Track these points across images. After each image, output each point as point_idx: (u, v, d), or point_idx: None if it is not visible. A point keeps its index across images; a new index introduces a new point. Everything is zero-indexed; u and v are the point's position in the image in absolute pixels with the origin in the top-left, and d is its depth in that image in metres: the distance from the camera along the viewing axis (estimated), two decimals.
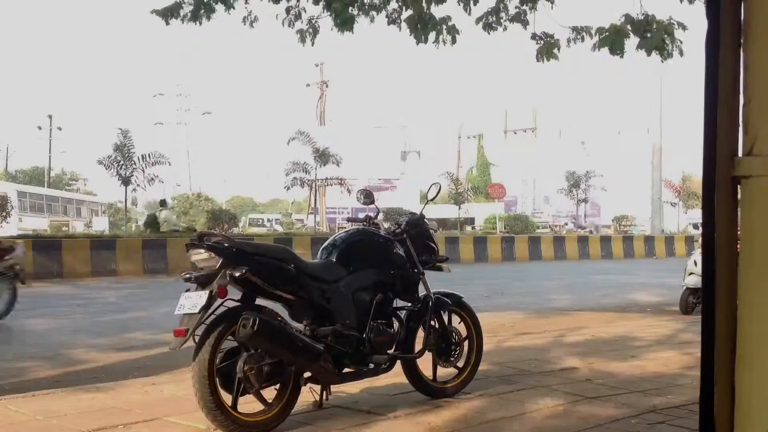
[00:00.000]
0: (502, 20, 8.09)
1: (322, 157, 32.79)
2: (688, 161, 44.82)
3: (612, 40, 7.66)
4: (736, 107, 1.46)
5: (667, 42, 7.69)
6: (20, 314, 10.32)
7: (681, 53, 7.82)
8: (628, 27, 7.70)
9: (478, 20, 8.05)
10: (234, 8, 7.69)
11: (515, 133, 61.26)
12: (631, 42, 7.76)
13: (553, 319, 9.90)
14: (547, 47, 8.05)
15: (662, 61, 7.87)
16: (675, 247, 28.91)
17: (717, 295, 1.47)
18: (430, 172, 45.17)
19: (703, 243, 1.52)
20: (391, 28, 7.92)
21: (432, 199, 4.95)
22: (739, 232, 1.47)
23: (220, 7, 7.65)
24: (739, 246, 1.47)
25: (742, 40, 1.45)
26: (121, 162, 25.82)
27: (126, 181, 26.00)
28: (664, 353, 6.63)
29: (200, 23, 7.66)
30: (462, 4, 7.76)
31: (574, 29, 8.01)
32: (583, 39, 7.98)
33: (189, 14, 7.64)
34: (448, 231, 32.23)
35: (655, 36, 7.60)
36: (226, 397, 3.80)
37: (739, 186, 1.46)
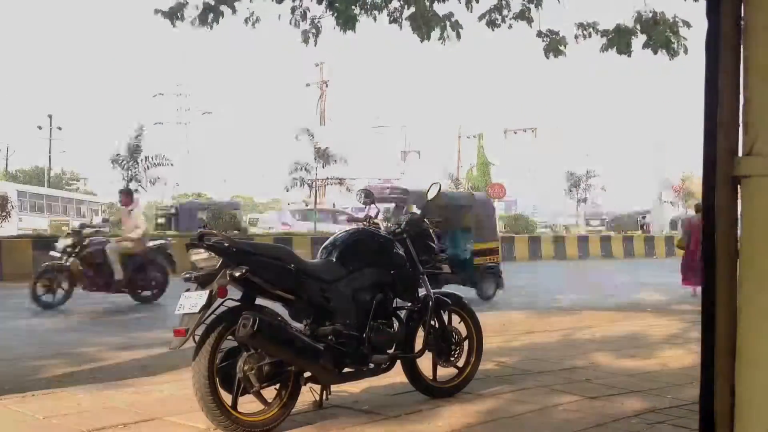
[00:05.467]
0: (506, 18, 8.08)
1: (324, 156, 32.77)
2: (688, 161, 44.84)
3: (617, 40, 7.68)
4: (736, 107, 1.46)
5: (673, 40, 7.69)
6: (21, 314, 10.33)
7: (686, 51, 7.81)
8: (637, 26, 7.71)
9: (480, 17, 8.04)
10: (237, 10, 7.68)
11: (515, 133, 61.17)
12: (639, 41, 7.78)
13: (557, 318, 9.91)
14: (554, 44, 8.05)
15: (670, 59, 7.86)
16: (675, 247, 28.92)
17: (717, 294, 1.47)
18: (430, 172, 45.19)
19: (703, 243, 1.52)
20: (392, 28, 7.93)
21: (432, 199, 4.95)
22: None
23: (227, 11, 7.64)
24: (739, 246, 1.47)
25: (742, 40, 1.46)
26: (129, 162, 25.85)
27: (132, 181, 26.00)
28: (667, 352, 6.63)
29: (211, 27, 7.65)
30: (463, 2, 7.75)
31: (580, 26, 8.01)
32: (590, 35, 7.98)
33: (197, 18, 7.63)
34: None
35: (659, 34, 7.60)
36: (226, 397, 3.80)
37: (739, 186, 1.46)
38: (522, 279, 15.83)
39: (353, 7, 7.57)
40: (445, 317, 4.88)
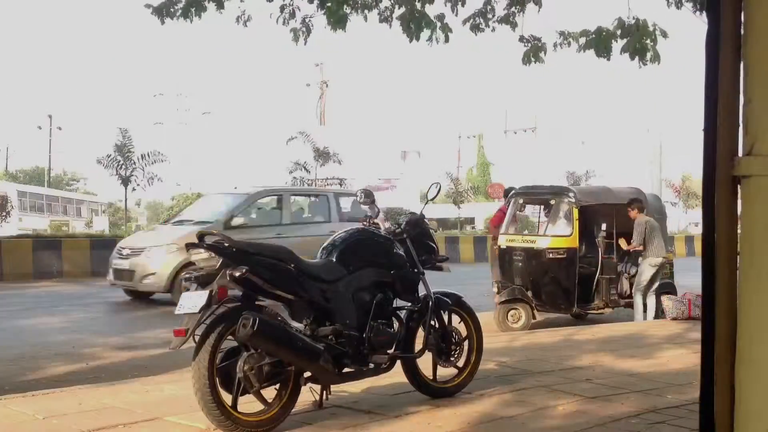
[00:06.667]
0: (489, 22, 8.08)
1: (323, 156, 32.82)
2: (688, 161, 44.83)
3: (597, 42, 7.67)
4: (736, 107, 1.46)
5: (649, 48, 7.68)
6: (21, 314, 10.33)
7: (659, 60, 7.81)
8: (618, 31, 7.69)
9: (464, 21, 8.04)
10: (224, 8, 7.66)
11: (515, 133, 61.23)
12: (618, 45, 7.77)
13: (560, 317, 9.92)
14: (534, 50, 8.05)
15: (640, 67, 7.85)
16: (675, 246, 28.93)
17: (717, 294, 1.47)
18: (430, 172, 45.22)
19: (703, 243, 1.52)
20: (390, 29, 7.90)
21: (432, 199, 4.95)
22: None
23: (211, 6, 7.61)
24: (739, 246, 1.47)
25: (742, 40, 1.46)
26: (121, 162, 25.83)
27: (126, 181, 26.00)
28: (669, 352, 6.63)
29: (191, 21, 7.63)
30: (449, 5, 7.75)
31: (561, 34, 8.00)
32: (569, 44, 7.98)
33: (180, 10, 7.59)
34: (448, 231, 32.22)
35: (634, 39, 7.59)
36: (226, 397, 3.80)
37: (739, 186, 1.46)
38: None
39: (345, 6, 7.55)
40: (445, 317, 4.87)
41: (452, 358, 4.84)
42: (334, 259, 4.44)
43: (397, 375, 4.64)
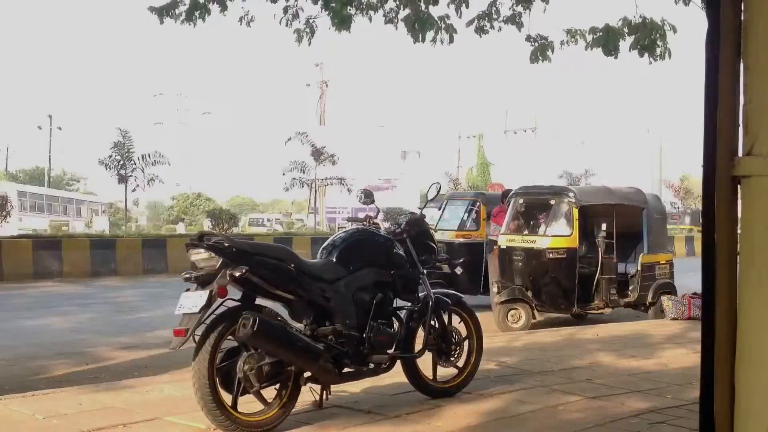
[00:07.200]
0: (494, 22, 8.07)
1: (320, 156, 32.87)
2: (688, 161, 44.93)
3: (605, 39, 7.65)
4: (736, 107, 1.46)
5: (658, 43, 7.66)
6: (20, 314, 10.33)
7: (669, 55, 7.79)
8: (625, 29, 7.68)
9: (468, 23, 8.03)
10: (227, 10, 7.65)
11: (515, 133, 61.22)
12: (626, 43, 7.76)
13: (560, 317, 9.92)
14: (541, 48, 8.04)
15: (650, 63, 7.83)
16: (674, 246, 28.92)
17: (717, 294, 1.46)
18: (430, 172, 45.23)
19: (703, 243, 1.52)
20: (391, 29, 7.90)
21: (432, 199, 4.95)
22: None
23: (215, 8, 7.60)
24: (739, 246, 1.47)
25: (742, 40, 1.45)
26: (121, 162, 25.86)
27: (123, 180, 26.04)
28: (667, 352, 6.63)
29: (194, 24, 7.63)
30: (453, 7, 7.74)
31: (568, 32, 8.00)
32: (576, 42, 7.97)
33: (183, 14, 7.59)
34: None
35: (644, 35, 7.57)
36: (226, 397, 3.80)
37: (739, 186, 1.46)
38: None
39: (349, 7, 7.54)
40: (445, 317, 4.87)
41: (452, 358, 4.84)
42: (334, 259, 4.44)
43: (397, 375, 4.64)
